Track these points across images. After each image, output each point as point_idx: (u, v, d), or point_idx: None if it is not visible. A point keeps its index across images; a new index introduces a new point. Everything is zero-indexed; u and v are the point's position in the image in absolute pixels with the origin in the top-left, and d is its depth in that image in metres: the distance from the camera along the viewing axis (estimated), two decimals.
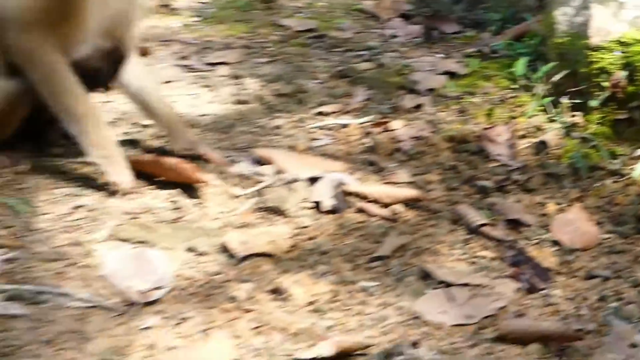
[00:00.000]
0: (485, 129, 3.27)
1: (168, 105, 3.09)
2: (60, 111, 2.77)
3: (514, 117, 3.36)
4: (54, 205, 2.69)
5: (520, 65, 3.49)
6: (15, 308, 2.27)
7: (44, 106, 2.78)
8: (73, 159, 2.88)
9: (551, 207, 2.94)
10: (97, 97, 3.00)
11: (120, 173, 2.76)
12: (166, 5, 4.51)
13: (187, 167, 2.81)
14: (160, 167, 2.82)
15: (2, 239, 2.52)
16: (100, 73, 2.84)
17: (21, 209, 2.65)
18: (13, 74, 2.77)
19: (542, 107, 3.37)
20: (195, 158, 3.01)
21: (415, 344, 2.09)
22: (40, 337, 2.19)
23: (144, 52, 3.53)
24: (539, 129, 3.29)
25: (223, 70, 3.67)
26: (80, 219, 2.65)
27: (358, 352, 2.20)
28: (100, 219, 2.65)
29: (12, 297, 2.31)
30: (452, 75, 3.65)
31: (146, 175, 2.83)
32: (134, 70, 2.98)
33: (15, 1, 2.68)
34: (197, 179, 2.80)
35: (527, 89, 3.47)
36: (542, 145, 3.20)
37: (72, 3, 2.69)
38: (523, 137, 3.25)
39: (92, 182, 2.82)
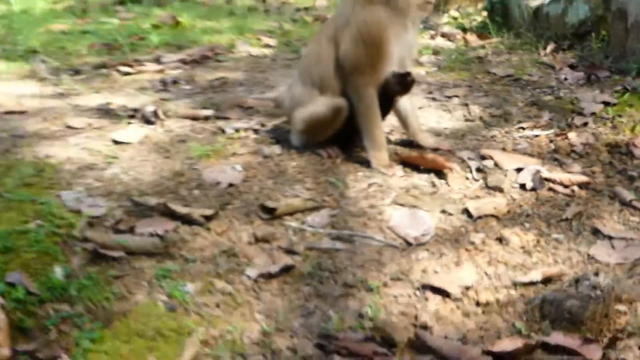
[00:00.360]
0: (631, 138, 3.13)
1: (417, 119, 3.08)
2: (364, 132, 2.84)
3: None
4: (357, 183, 2.74)
5: None
6: (338, 245, 2.34)
7: (354, 122, 2.85)
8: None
9: None
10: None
11: (392, 174, 2.79)
12: (416, 60, 4.52)
13: (440, 159, 2.82)
14: (424, 159, 2.83)
15: (328, 203, 2.59)
16: (396, 91, 2.85)
17: (338, 184, 2.72)
18: (341, 95, 2.84)
19: None
20: (435, 150, 3.01)
21: (596, 274, 2.03)
22: (355, 263, 2.25)
23: None
24: None
25: (456, 100, 3.65)
26: (374, 191, 2.68)
27: (556, 278, 2.17)
28: (386, 192, 2.68)
29: (336, 238, 2.38)
30: (606, 104, 3.50)
31: (413, 165, 2.86)
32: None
33: (354, 58, 2.76)
34: (447, 166, 2.80)
35: None
36: None
37: (384, 56, 2.75)
38: None
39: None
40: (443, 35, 5.40)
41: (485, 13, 5.79)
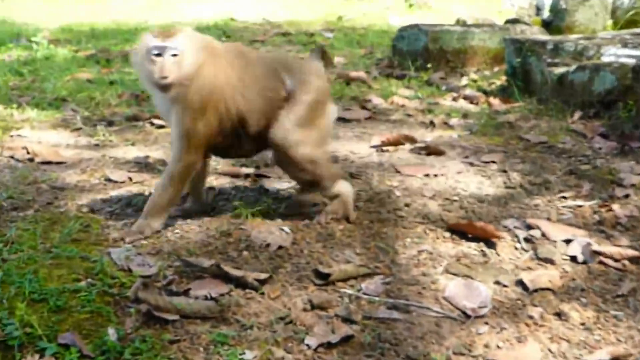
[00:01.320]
0: None
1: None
2: None
3: None
4: (407, 249, 2.67)
5: None
6: (395, 315, 2.27)
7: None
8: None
9: None
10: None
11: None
12: (446, 123, 4.48)
13: (490, 228, 2.75)
14: (473, 228, 2.77)
15: (381, 269, 2.52)
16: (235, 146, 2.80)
17: (388, 250, 2.65)
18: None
19: None
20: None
21: None
22: (414, 334, 2.18)
23: None
24: None
25: (494, 166, 3.58)
26: (424, 258, 2.62)
27: (623, 359, 2.09)
28: (437, 259, 2.61)
29: (392, 307, 2.31)
30: None
31: (462, 233, 2.79)
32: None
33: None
34: (496, 235, 2.73)
35: None
36: None
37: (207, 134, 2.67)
38: None
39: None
40: (465, 97, 5.37)
41: (504, 77, 5.79)
